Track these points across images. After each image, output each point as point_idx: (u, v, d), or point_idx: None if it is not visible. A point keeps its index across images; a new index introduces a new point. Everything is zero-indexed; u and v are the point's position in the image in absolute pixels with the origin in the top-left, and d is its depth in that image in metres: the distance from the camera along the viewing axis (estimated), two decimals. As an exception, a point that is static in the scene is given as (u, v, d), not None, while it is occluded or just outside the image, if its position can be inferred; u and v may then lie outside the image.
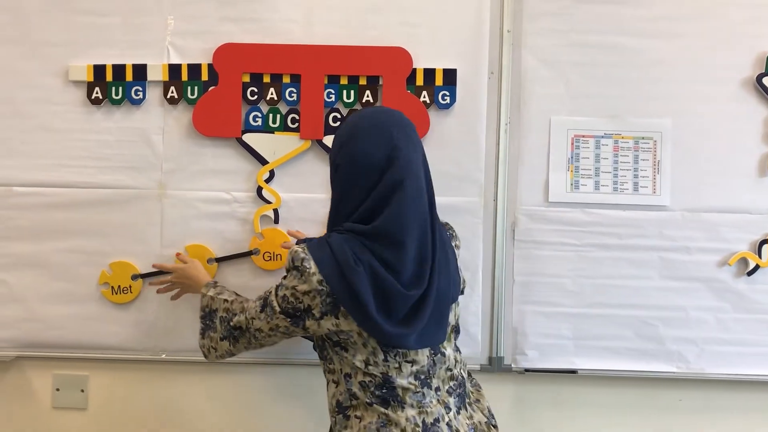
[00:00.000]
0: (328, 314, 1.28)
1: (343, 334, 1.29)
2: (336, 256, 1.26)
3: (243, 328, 1.39)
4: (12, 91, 1.80)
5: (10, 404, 1.86)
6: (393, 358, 1.29)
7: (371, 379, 1.30)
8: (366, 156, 1.29)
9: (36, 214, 1.80)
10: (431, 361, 1.33)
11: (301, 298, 1.28)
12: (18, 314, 1.81)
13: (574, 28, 1.82)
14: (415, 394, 1.30)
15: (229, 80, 1.79)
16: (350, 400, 1.32)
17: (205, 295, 1.54)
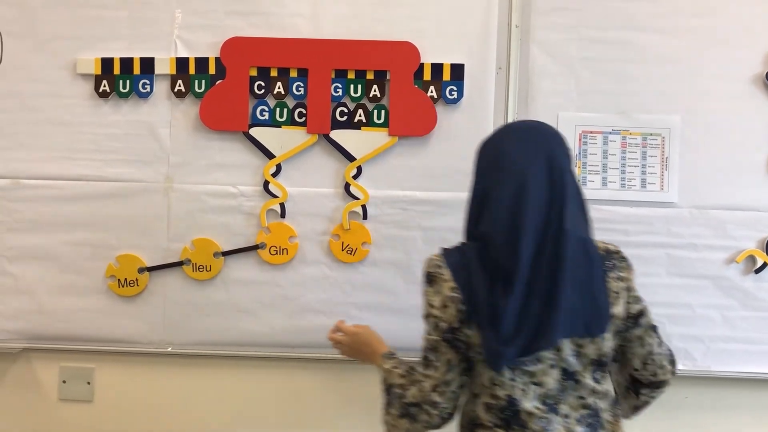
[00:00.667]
0: (462, 324, 1.22)
1: (474, 349, 1.23)
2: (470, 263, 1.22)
3: (418, 403, 1.26)
4: (20, 85, 1.82)
5: (17, 396, 1.88)
6: (520, 378, 1.22)
7: (495, 401, 1.24)
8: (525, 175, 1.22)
9: (43, 207, 1.82)
10: (560, 386, 1.24)
11: (441, 315, 1.23)
12: (25, 306, 1.83)
13: (583, 23, 1.83)
14: (540, 420, 1.22)
15: (236, 74, 1.80)
16: (476, 419, 1.27)
17: (382, 368, 1.40)
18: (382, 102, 1.81)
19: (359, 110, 1.81)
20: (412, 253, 1.81)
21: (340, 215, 1.81)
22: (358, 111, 1.81)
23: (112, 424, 1.88)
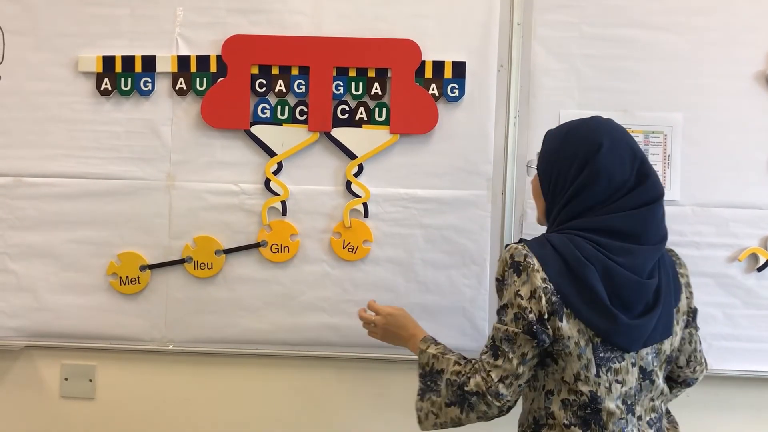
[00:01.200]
0: (552, 316, 1.20)
1: (560, 343, 1.21)
2: (561, 253, 1.21)
3: (481, 392, 1.21)
4: (21, 82, 1.83)
5: (18, 393, 1.89)
6: (605, 374, 1.22)
7: (576, 398, 1.22)
8: (617, 174, 1.24)
9: (45, 205, 1.83)
10: (638, 386, 1.25)
11: (528, 306, 1.20)
12: (27, 304, 1.84)
13: (585, 20, 1.83)
14: (620, 420, 1.23)
15: (237, 72, 1.81)
16: (546, 418, 1.25)
17: (425, 352, 1.37)
18: (384, 100, 1.81)
19: (360, 108, 1.82)
20: (413, 251, 1.82)
21: (341, 213, 1.82)
22: (360, 109, 1.82)
23: (114, 421, 1.89)
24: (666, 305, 1.27)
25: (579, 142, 1.28)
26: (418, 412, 1.33)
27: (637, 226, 1.23)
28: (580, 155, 1.26)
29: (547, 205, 1.35)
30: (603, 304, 1.19)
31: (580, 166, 1.26)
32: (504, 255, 1.26)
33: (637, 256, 1.23)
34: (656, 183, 1.27)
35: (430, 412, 1.30)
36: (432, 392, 1.30)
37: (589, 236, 1.22)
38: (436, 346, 1.38)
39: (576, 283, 1.20)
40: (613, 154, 1.25)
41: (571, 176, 1.27)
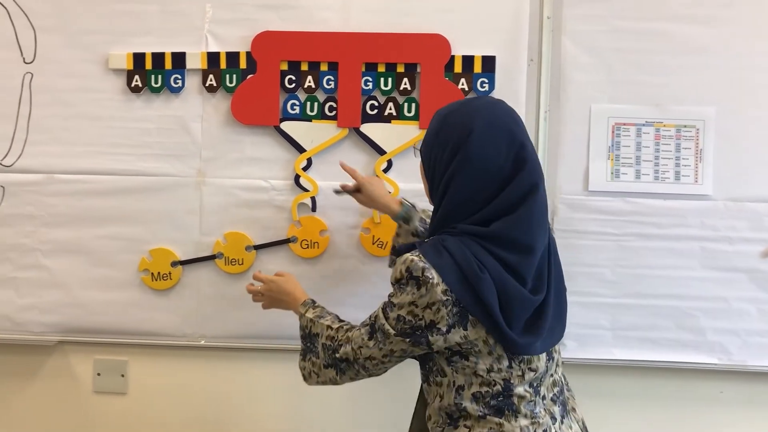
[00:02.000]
0: (456, 326, 1.19)
1: (468, 343, 1.21)
2: (458, 262, 1.17)
3: (350, 360, 1.29)
4: (53, 80, 1.86)
5: (52, 388, 1.93)
6: (518, 365, 1.23)
7: (488, 388, 1.23)
8: (491, 161, 1.19)
9: (77, 201, 1.87)
10: (545, 368, 1.27)
11: (421, 314, 1.19)
12: (60, 299, 1.88)
13: (616, 13, 1.83)
14: (529, 403, 1.24)
15: (267, 68, 1.83)
16: (460, 413, 1.25)
17: (303, 316, 1.44)
18: (413, 95, 1.83)
19: (390, 103, 1.83)
20: (443, 246, 1.83)
21: (370, 210, 1.84)
22: (389, 104, 1.83)
23: (146, 416, 1.92)
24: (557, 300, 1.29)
25: (453, 127, 1.23)
26: (302, 370, 1.41)
27: (526, 238, 1.20)
28: (452, 141, 1.22)
29: (430, 187, 1.31)
30: (496, 322, 1.18)
31: (453, 152, 1.21)
32: (400, 267, 1.20)
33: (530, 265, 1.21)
34: (534, 169, 1.21)
35: (312, 371, 1.38)
36: (312, 353, 1.38)
37: (484, 244, 1.19)
38: (314, 310, 1.44)
39: (473, 293, 1.17)
40: (486, 140, 1.20)
41: (445, 162, 1.23)
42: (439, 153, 1.24)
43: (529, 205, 1.19)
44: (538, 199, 1.21)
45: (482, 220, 1.20)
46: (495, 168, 1.19)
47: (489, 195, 1.20)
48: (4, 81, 1.87)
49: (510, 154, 1.20)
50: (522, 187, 1.19)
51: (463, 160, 1.20)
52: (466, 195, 1.21)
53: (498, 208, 1.19)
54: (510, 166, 1.19)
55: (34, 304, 1.88)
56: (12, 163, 1.87)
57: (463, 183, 1.21)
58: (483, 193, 1.20)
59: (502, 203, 1.19)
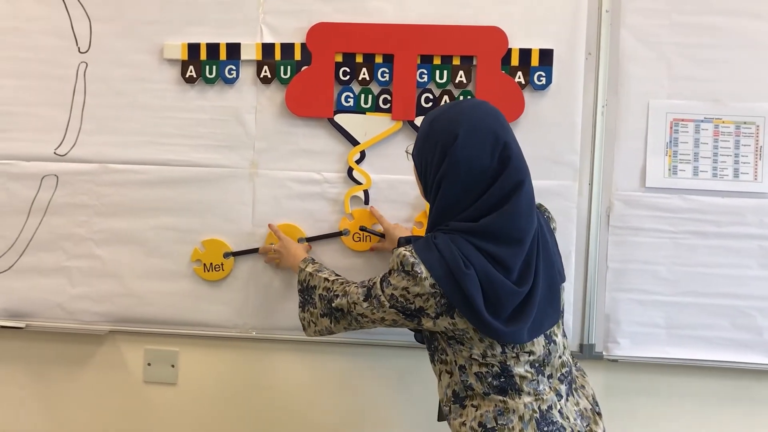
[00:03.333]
0: (443, 314, 1.30)
1: (459, 330, 1.31)
2: (445, 258, 1.27)
3: (344, 311, 1.42)
4: (107, 69, 1.89)
5: (103, 377, 1.96)
6: (510, 350, 1.31)
7: (488, 369, 1.32)
8: (476, 162, 1.28)
9: (130, 191, 1.89)
10: (546, 351, 1.35)
11: (412, 299, 1.30)
12: (112, 289, 1.91)
13: (675, 7, 1.82)
14: (531, 382, 1.33)
15: (322, 60, 1.84)
16: (466, 390, 1.35)
17: (303, 270, 1.60)
18: (469, 88, 1.83)
19: (445, 96, 1.84)
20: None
21: (423, 202, 1.84)
22: (444, 97, 1.84)
23: (196, 406, 1.95)
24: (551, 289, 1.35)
25: (439, 132, 1.33)
26: (302, 321, 1.56)
27: (514, 231, 1.28)
28: (439, 145, 1.31)
29: (423, 188, 1.41)
30: (480, 315, 1.26)
31: (441, 157, 1.31)
32: (395, 259, 1.31)
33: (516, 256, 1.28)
34: (518, 166, 1.29)
35: (310, 321, 1.53)
36: (310, 304, 1.54)
37: (472, 240, 1.28)
38: (313, 265, 1.62)
39: (458, 288, 1.26)
40: (470, 143, 1.28)
41: (435, 165, 1.32)
42: (429, 157, 1.34)
43: (514, 200, 1.28)
44: (523, 195, 1.29)
45: (472, 216, 1.29)
46: (481, 168, 1.28)
47: (477, 193, 1.29)
48: (59, 70, 1.90)
49: (495, 154, 1.28)
50: (507, 184, 1.28)
51: (451, 163, 1.29)
52: (456, 194, 1.30)
53: (485, 204, 1.28)
54: (495, 166, 1.28)
55: (86, 293, 1.91)
56: (66, 153, 1.90)
57: (452, 184, 1.30)
58: (471, 192, 1.29)
59: (489, 200, 1.28)
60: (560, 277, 1.41)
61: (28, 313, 1.92)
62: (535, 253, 1.32)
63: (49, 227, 1.91)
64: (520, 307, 1.29)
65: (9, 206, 1.92)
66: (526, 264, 1.30)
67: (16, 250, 1.92)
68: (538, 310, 1.31)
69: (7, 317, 1.92)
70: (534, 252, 1.32)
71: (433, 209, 1.36)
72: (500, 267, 1.28)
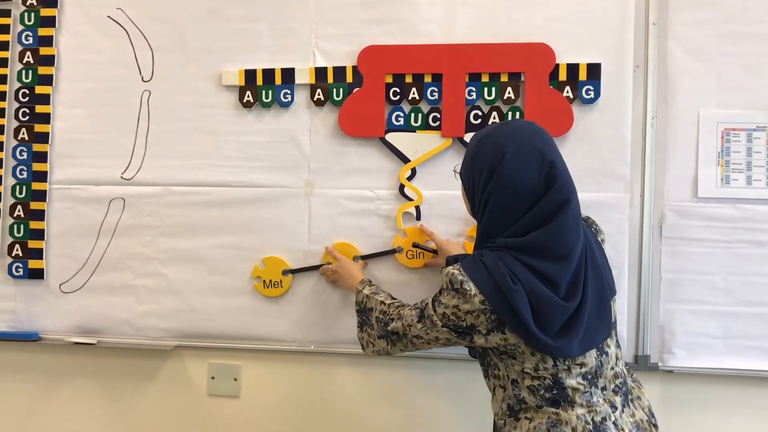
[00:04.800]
0: (494, 330, 1.34)
1: (511, 345, 1.36)
2: (493, 275, 1.32)
3: (400, 334, 1.49)
4: (169, 96, 2.02)
5: (169, 390, 2.07)
6: (562, 363, 1.36)
7: (540, 382, 1.37)
8: (523, 180, 1.33)
9: (193, 212, 2.01)
10: (598, 362, 1.38)
11: (463, 317, 1.35)
12: (177, 306, 2.02)
13: (723, 18, 1.86)
14: (584, 393, 1.36)
15: (373, 81, 1.93)
16: (519, 404, 1.40)
17: (360, 292, 1.68)
18: (517, 104, 1.90)
19: (493, 113, 1.91)
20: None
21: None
22: (493, 113, 1.91)
23: (258, 418, 2.04)
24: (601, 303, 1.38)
25: (486, 151, 1.38)
26: (360, 340, 1.64)
27: (560, 247, 1.32)
28: (487, 164, 1.37)
29: (471, 206, 1.47)
30: (529, 330, 1.30)
31: (488, 176, 1.36)
32: (444, 279, 1.37)
33: (564, 272, 1.33)
34: (564, 185, 1.34)
35: (368, 341, 1.61)
36: (367, 325, 1.61)
37: (519, 256, 1.33)
38: (370, 287, 1.69)
39: (506, 304, 1.31)
40: (517, 163, 1.34)
41: (482, 184, 1.38)
42: (477, 176, 1.40)
43: (561, 217, 1.32)
44: (570, 212, 1.34)
45: (517, 233, 1.35)
46: (527, 186, 1.33)
47: (523, 211, 1.34)
48: (125, 98, 2.04)
49: (541, 173, 1.34)
50: (553, 202, 1.33)
51: (499, 181, 1.35)
52: (502, 212, 1.36)
53: (531, 221, 1.33)
54: (542, 184, 1.33)
55: (152, 310, 2.03)
56: (132, 177, 2.03)
57: (499, 202, 1.36)
58: (518, 210, 1.35)
59: (535, 217, 1.33)
60: (610, 291, 1.44)
61: (99, 329, 2.05)
62: (584, 268, 1.36)
63: (117, 248, 2.04)
64: (569, 322, 1.33)
65: (80, 228, 2.05)
66: (574, 279, 1.34)
67: (87, 270, 2.05)
68: (589, 324, 1.35)
69: (80, 334, 2.05)
70: (582, 267, 1.36)
71: (480, 227, 1.42)
72: (547, 283, 1.32)
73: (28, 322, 2.08)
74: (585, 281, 1.35)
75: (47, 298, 2.07)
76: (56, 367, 2.11)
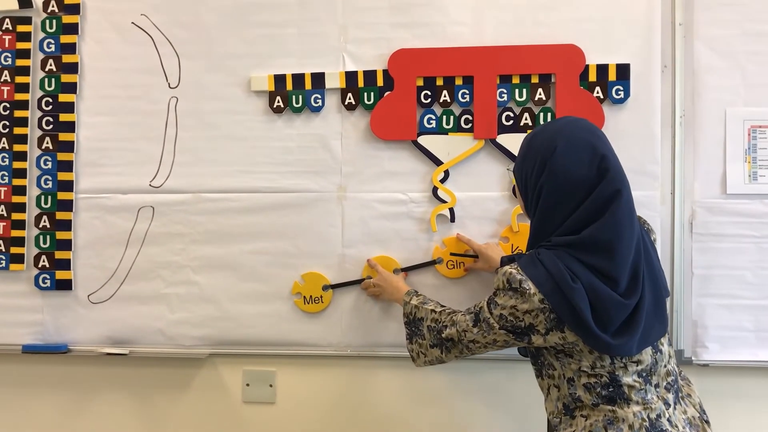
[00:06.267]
0: (553, 329, 1.36)
1: (569, 344, 1.38)
2: (552, 274, 1.34)
3: (455, 340, 1.51)
4: (198, 103, 2.03)
5: (204, 398, 2.08)
6: (619, 360, 1.38)
7: (596, 380, 1.39)
8: (575, 173, 1.36)
9: (224, 219, 2.03)
10: (653, 360, 1.41)
11: (521, 317, 1.37)
12: (210, 313, 2.04)
13: (747, 17, 1.93)
14: (640, 391, 1.38)
15: (404, 85, 1.97)
16: (575, 402, 1.41)
17: (408, 303, 1.70)
18: (548, 105, 1.95)
19: (525, 114, 1.96)
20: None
21: (508, 218, 1.96)
22: (524, 114, 1.96)
23: (294, 424, 2.06)
24: (656, 301, 1.42)
25: (538, 146, 1.43)
26: (410, 352, 1.66)
27: (615, 240, 1.34)
28: (539, 159, 1.41)
29: (524, 202, 1.51)
30: (589, 328, 1.33)
31: (540, 169, 1.40)
32: (501, 278, 1.40)
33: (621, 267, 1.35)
34: (615, 176, 1.37)
35: (420, 352, 1.62)
36: (418, 336, 1.63)
37: (576, 254, 1.36)
38: (417, 298, 1.71)
39: (566, 302, 1.34)
40: (569, 155, 1.37)
41: (534, 177, 1.42)
42: (529, 170, 1.44)
43: (613, 210, 1.35)
44: (622, 204, 1.36)
45: (572, 229, 1.37)
46: (579, 178, 1.37)
47: (576, 203, 1.37)
48: (151, 106, 2.05)
49: (593, 166, 1.37)
50: (605, 193, 1.36)
51: (550, 173, 1.39)
52: (555, 205, 1.39)
53: (584, 214, 1.36)
54: (594, 176, 1.36)
55: (185, 318, 2.05)
56: (161, 184, 2.05)
57: (551, 193, 1.39)
58: (570, 202, 1.38)
59: (588, 209, 1.36)
60: (665, 291, 1.47)
61: (131, 339, 2.06)
62: (641, 264, 1.39)
63: (147, 256, 2.05)
64: (628, 320, 1.36)
65: (108, 238, 2.06)
66: (633, 276, 1.37)
67: (117, 280, 2.06)
68: (646, 322, 1.38)
69: (112, 344, 2.06)
70: (640, 264, 1.38)
71: (533, 222, 1.45)
72: (606, 280, 1.34)
73: (57, 334, 2.08)
74: (643, 278, 1.38)
75: (76, 309, 2.07)
76: (87, 380, 2.11)
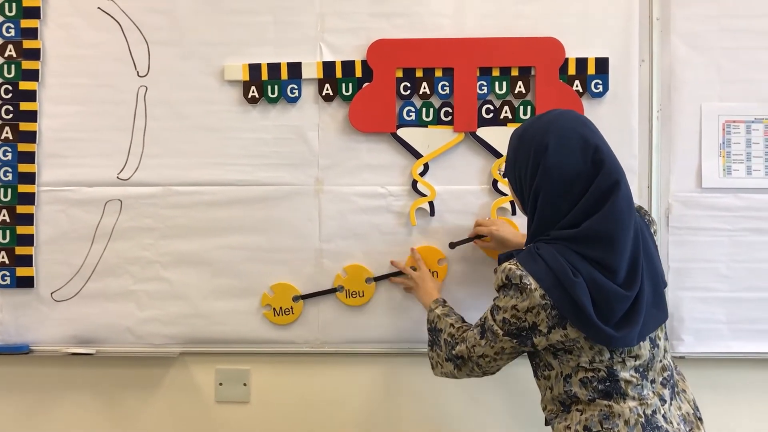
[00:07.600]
0: (555, 327, 1.36)
1: (570, 341, 1.37)
2: (552, 268, 1.34)
3: (465, 358, 1.50)
4: (169, 92, 1.98)
5: (176, 399, 2.03)
6: (618, 355, 1.38)
7: (594, 374, 1.39)
8: (569, 167, 1.36)
9: (196, 213, 1.98)
10: (651, 355, 1.41)
11: (523, 316, 1.37)
12: (181, 311, 1.99)
13: (724, 12, 1.97)
14: (636, 386, 1.39)
15: (383, 76, 1.95)
16: (570, 399, 1.42)
17: (433, 311, 1.69)
18: (528, 98, 1.96)
19: (505, 107, 1.96)
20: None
21: (488, 212, 1.97)
22: (504, 108, 1.97)
23: (269, 424, 2.03)
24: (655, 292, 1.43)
25: (529, 144, 1.42)
26: (430, 359, 1.66)
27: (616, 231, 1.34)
28: (531, 156, 1.40)
29: (521, 202, 1.50)
30: (591, 322, 1.33)
31: (534, 167, 1.40)
32: (500, 276, 1.40)
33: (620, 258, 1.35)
34: (611, 167, 1.36)
35: (437, 362, 1.62)
36: (437, 346, 1.63)
37: (575, 247, 1.36)
38: (443, 308, 1.70)
39: (567, 297, 1.33)
40: (562, 150, 1.37)
41: (529, 176, 1.41)
42: (523, 169, 1.43)
43: (612, 201, 1.34)
44: (620, 195, 1.35)
45: (571, 223, 1.37)
46: (575, 172, 1.36)
47: (574, 198, 1.37)
48: (119, 95, 1.98)
49: (587, 158, 1.36)
50: (603, 185, 1.35)
51: (545, 171, 1.38)
52: (553, 202, 1.38)
53: (584, 208, 1.35)
54: (589, 169, 1.36)
55: (155, 316, 1.99)
56: (129, 177, 1.98)
57: (548, 192, 1.38)
58: (569, 198, 1.37)
59: (587, 203, 1.35)
60: (663, 282, 1.47)
61: (97, 339, 2.00)
62: (640, 255, 1.38)
63: (114, 252, 1.99)
64: (629, 311, 1.35)
65: (72, 232, 1.99)
66: (632, 266, 1.36)
67: (82, 276, 1.99)
68: (646, 313, 1.38)
69: (77, 344, 1.99)
70: (639, 254, 1.37)
71: (533, 221, 1.44)
72: (606, 271, 1.34)
73: (17, 334, 2.00)
74: (642, 269, 1.38)
75: (38, 308, 2.00)
76: (50, 381, 2.04)
